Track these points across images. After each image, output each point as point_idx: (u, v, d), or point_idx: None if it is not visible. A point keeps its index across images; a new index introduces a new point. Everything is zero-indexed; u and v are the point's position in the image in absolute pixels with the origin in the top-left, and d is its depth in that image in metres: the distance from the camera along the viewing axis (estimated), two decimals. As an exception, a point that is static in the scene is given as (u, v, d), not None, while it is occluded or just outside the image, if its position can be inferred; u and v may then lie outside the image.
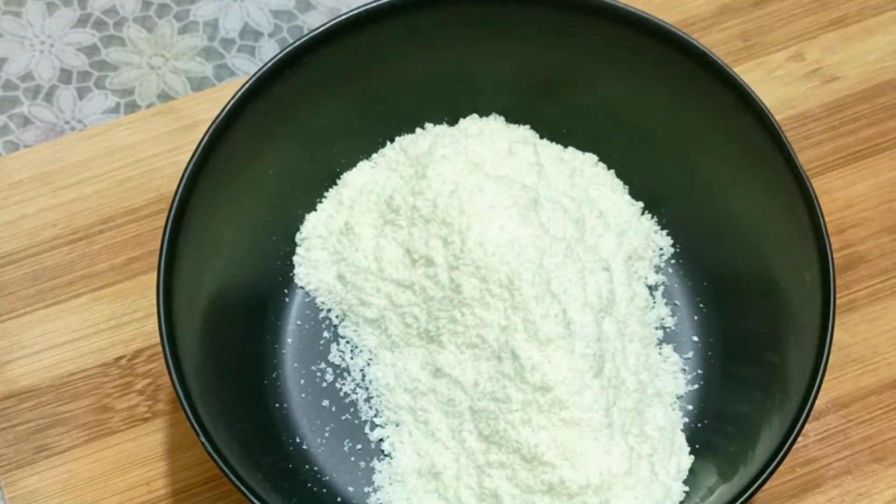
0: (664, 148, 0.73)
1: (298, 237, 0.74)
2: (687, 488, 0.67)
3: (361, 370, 0.71)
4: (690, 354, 0.72)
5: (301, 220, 0.74)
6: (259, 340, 0.71)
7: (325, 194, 0.74)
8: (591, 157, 0.75)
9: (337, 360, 0.72)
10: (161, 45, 0.86)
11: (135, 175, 0.78)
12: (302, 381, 0.71)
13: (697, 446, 0.68)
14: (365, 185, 0.73)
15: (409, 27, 0.70)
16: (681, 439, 0.68)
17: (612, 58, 0.70)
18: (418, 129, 0.75)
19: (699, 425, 0.70)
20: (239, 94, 0.67)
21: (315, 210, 0.74)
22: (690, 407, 0.70)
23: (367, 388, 0.71)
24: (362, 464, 0.69)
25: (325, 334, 0.72)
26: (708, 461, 0.68)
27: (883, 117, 0.80)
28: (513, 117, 0.75)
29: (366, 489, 0.69)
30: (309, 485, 0.68)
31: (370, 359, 0.71)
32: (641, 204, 0.74)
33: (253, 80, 0.67)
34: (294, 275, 0.73)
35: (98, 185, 0.78)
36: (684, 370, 0.71)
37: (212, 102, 0.80)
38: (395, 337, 0.70)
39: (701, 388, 0.71)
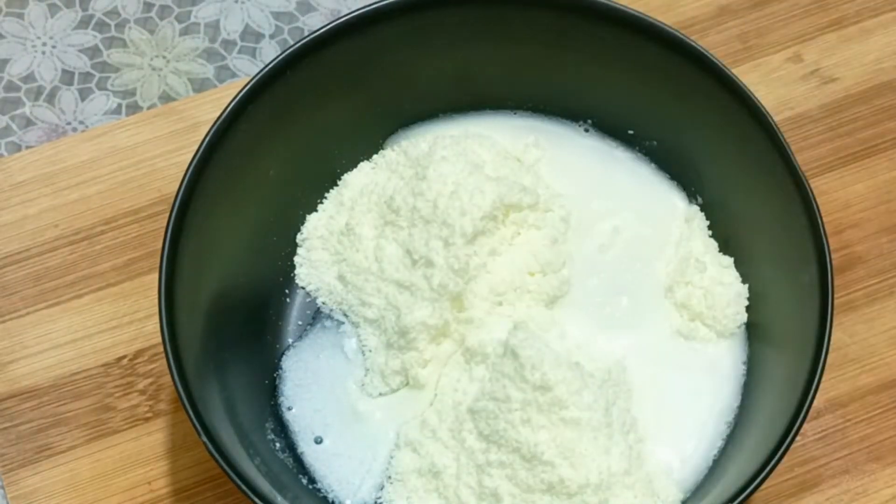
0: (663, 149, 0.74)
1: (299, 238, 0.74)
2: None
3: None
4: (690, 354, 0.72)
5: (302, 220, 0.74)
6: (260, 340, 0.72)
7: (326, 195, 0.75)
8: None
9: (337, 360, 0.72)
10: (162, 46, 0.86)
11: (136, 176, 0.79)
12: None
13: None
14: (365, 185, 0.73)
15: (409, 28, 0.70)
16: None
17: (612, 60, 0.71)
18: (418, 130, 0.75)
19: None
20: (240, 95, 0.67)
21: (316, 211, 0.74)
22: (689, 406, 0.71)
23: (367, 388, 0.71)
24: (363, 463, 0.70)
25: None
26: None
27: (881, 118, 0.80)
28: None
29: (366, 488, 0.69)
30: (309, 484, 0.69)
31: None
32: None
33: (254, 81, 0.67)
34: (295, 275, 0.73)
35: (100, 186, 0.78)
36: (683, 370, 0.71)
37: (213, 103, 0.80)
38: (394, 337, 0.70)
39: (700, 388, 0.71)
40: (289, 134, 0.70)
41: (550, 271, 0.70)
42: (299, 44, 0.68)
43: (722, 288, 0.70)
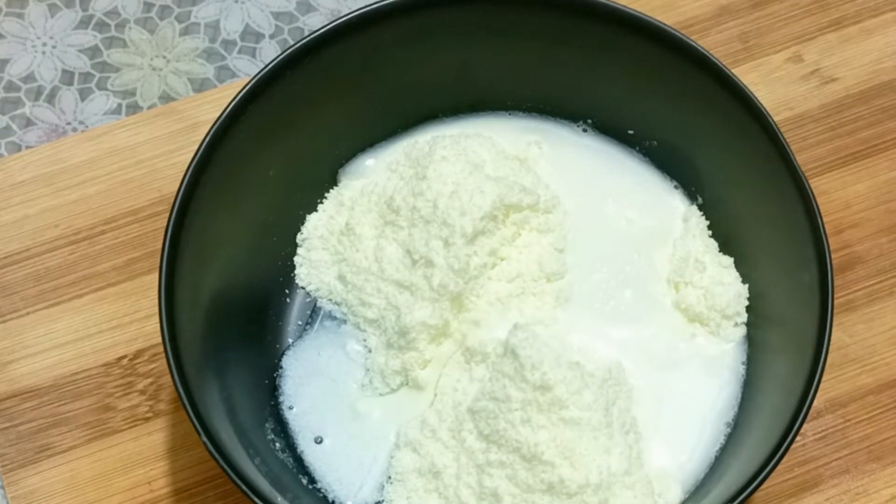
0: (663, 149, 0.74)
1: (299, 238, 0.74)
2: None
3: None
4: (689, 354, 0.72)
5: (302, 220, 0.74)
6: (260, 340, 0.72)
7: (326, 195, 0.75)
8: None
9: (337, 360, 0.72)
10: (162, 46, 0.86)
11: (137, 176, 0.79)
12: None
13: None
14: (365, 185, 0.73)
15: (408, 29, 0.70)
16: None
17: (612, 60, 0.71)
18: (418, 130, 0.75)
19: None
20: (240, 95, 0.67)
21: (316, 211, 0.74)
22: (689, 406, 0.71)
23: (367, 388, 0.71)
24: (363, 463, 0.70)
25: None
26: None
27: (881, 118, 0.80)
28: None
29: (366, 488, 0.69)
30: (309, 484, 0.69)
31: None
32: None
33: (254, 81, 0.67)
34: (295, 275, 0.74)
35: (100, 186, 0.78)
36: (683, 370, 0.71)
37: (213, 104, 0.80)
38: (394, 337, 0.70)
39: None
40: (289, 134, 0.71)
41: (556, 279, 0.70)
42: (299, 44, 0.68)
43: (722, 288, 0.70)
